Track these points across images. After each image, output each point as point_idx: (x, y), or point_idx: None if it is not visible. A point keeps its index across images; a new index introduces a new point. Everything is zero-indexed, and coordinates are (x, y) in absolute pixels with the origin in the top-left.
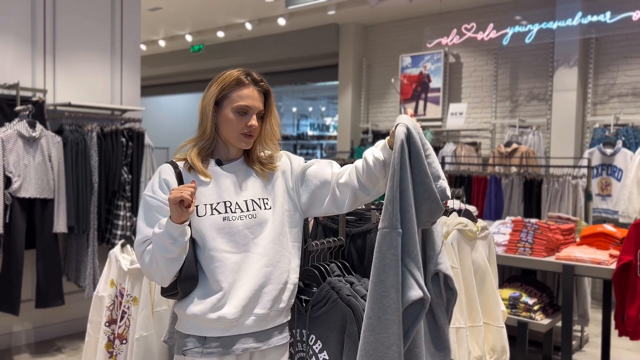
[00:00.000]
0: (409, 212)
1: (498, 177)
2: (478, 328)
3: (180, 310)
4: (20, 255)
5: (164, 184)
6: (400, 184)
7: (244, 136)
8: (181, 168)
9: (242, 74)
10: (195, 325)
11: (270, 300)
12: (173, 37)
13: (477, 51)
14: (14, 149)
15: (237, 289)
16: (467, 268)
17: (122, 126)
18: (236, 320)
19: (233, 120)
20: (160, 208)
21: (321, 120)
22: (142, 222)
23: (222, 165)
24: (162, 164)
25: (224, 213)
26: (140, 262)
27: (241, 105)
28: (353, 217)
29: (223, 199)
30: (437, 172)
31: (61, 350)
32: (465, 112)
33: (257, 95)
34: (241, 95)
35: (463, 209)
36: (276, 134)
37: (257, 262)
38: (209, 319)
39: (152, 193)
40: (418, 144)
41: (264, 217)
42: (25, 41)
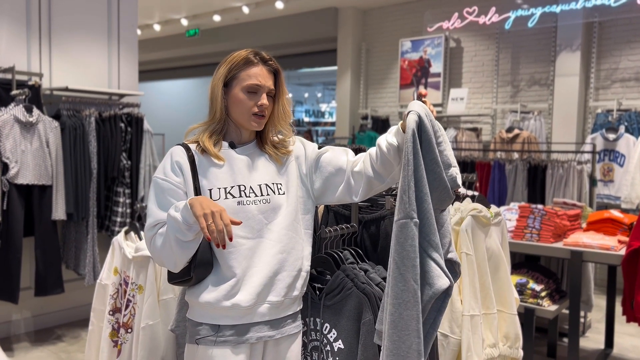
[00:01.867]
0: (426, 200)
1: (502, 163)
2: (492, 315)
3: (193, 297)
4: (18, 242)
5: (177, 166)
6: (415, 172)
7: (255, 116)
8: (194, 151)
9: (250, 53)
10: (209, 313)
11: (285, 288)
12: (168, 21)
13: (478, 35)
14: (11, 134)
15: (251, 275)
16: (481, 255)
17: (121, 111)
18: (250, 308)
19: (243, 100)
20: (173, 191)
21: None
22: (153, 205)
23: (235, 148)
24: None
25: (239, 197)
26: (151, 246)
27: (250, 84)
28: (366, 203)
29: (237, 183)
30: (448, 160)
31: (61, 338)
32: (466, 98)
33: (266, 73)
34: (250, 74)
35: (477, 195)
36: (289, 115)
37: (271, 248)
38: (223, 307)
39: (164, 175)
40: (429, 132)
41: (278, 202)
42: (19, 23)
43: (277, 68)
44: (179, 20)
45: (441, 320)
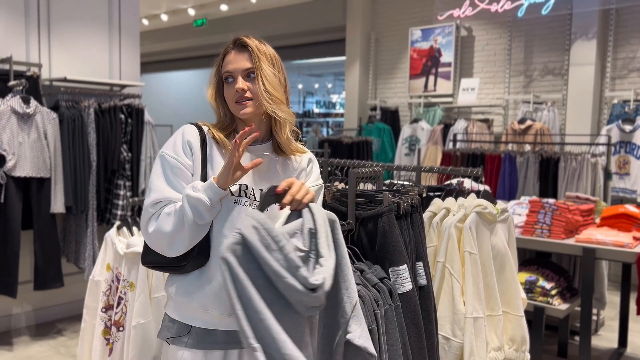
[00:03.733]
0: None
1: (512, 156)
2: (497, 317)
3: (172, 290)
4: (16, 236)
5: (188, 146)
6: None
7: (237, 105)
8: (207, 133)
9: (229, 43)
10: (183, 312)
11: None
12: (175, 11)
13: (490, 24)
14: (8, 126)
15: None
16: (486, 253)
17: (121, 102)
18: (227, 316)
19: (226, 92)
20: (181, 172)
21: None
22: (159, 181)
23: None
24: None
25: (237, 196)
26: (151, 226)
27: (225, 73)
28: (363, 199)
29: (240, 181)
30: (295, 263)
31: (62, 332)
32: (477, 88)
33: (239, 56)
34: (225, 64)
35: (482, 190)
36: (272, 94)
37: None
38: (197, 308)
39: (174, 154)
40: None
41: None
42: (18, 12)
43: (249, 45)
44: (186, 10)
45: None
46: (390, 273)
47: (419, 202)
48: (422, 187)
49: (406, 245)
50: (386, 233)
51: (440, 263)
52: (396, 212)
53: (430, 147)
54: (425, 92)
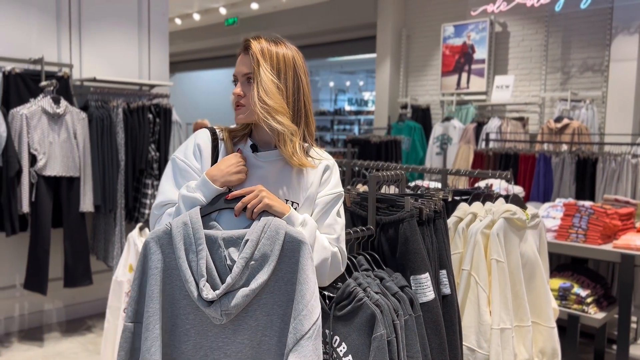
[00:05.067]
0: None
1: (547, 156)
2: (525, 328)
3: None
4: (46, 234)
5: (197, 149)
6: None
7: (235, 109)
8: (219, 138)
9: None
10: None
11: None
12: (207, 10)
13: (525, 19)
14: (39, 126)
15: None
16: (515, 261)
17: (150, 102)
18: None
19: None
20: (189, 174)
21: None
22: (167, 184)
23: (257, 152)
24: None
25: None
26: (156, 227)
27: (233, 76)
28: (384, 203)
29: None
30: (201, 272)
31: (91, 329)
32: (512, 85)
33: (242, 59)
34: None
35: (511, 195)
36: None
37: None
38: None
39: (184, 157)
40: (176, 246)
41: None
42: (49, 14)
43: (249, 46)
44: (217, 9)
45: None
46: (411, 281)
47: (443, 207)
48: (448, 191)
49: (429, 253)
50: (407, 239)
51: (465, 271)
52: (418, 218)
53: (462, 146)
54: (458, 89)
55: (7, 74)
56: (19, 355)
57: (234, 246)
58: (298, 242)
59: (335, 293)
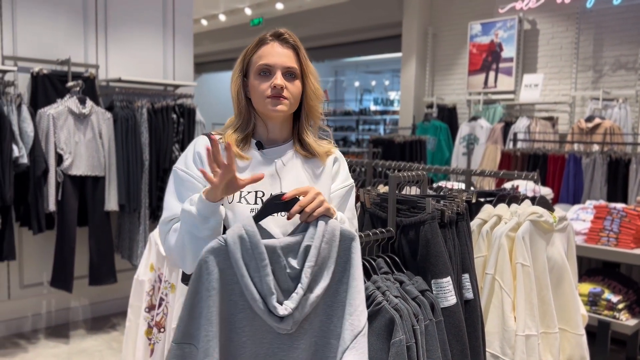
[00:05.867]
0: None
1: (578, 156)
2: (552, 335)
3: None
4: (72, 232)
5: (198, 157)
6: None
7: (271, 99)
8: (220, 143)
9: (264, 34)
10: None
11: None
12: (233, 10)
13: (555, 16)
14: (65, 126)
15: None
16: (541, 265)
17: (174, 102)
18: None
19: (256, 85)
20: (192, 184)
21: (385, 94)
22: (171, 198)
23: (263, 149)
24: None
25: (253, 204)
26: (165, 243)
27: (260, 65)
28: (405, 205)
29: (255, 188)
30: (270, 289)
31: (115, 327)
32: (541, 84)
33: (281, 50)
34: (260, 55)
35: (537, 196)
36: (320, 94)
37: None
38: None
39: (185, 167)
40: (237, 263)
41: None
42: (76, 15)
43: (294, 42)
44: (242, 9)
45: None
46: (432, 285)
47: (466, 209)
48: (471, 192)
49: (451, 256)
50: (429, 242)
51: (489, 275)
52: (440, 220)
53: (489, 147)
54: (485, 88)
55: (35, 75)
56: (46, 352)
57: (292, 253)
58: (350, 239)
59: None
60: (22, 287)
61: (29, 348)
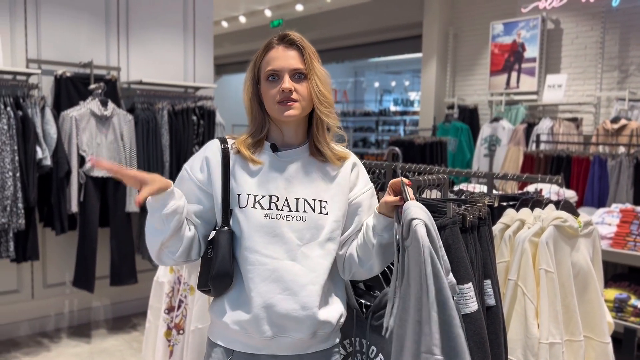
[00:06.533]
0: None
1: (603, 158)
2: (577, 343)
3: (211, 312)
4: (94, 233)
5: (205, 162)
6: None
7: (280, 105)
8: (230, 147)
9: (271, 38)
10: (224, 334)
11: (315, 325)
12: (253, 12)
13: (580, 15)
14: (87, 128)
15: (275, 303)
16: (566, 272)
17: (194, 104)
18: (270, 339)
19: (266, 90)
20: (190, 187)
21: (405, 95)
22: None
23: (277, 151)
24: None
25: (267, 209)
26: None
27: (268, 71)
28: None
29: (269, 193)
30: (447, 265)
31: (136, 327)
32: (564, 84)
33: (287, 53)
34: (268, 60)
35: (562, 200)
36: (325, 95)
37: (303, 276)
38: (237, 331)
39: (190, 169)
40: (435, 244)
41: (316, 223)
42: (99, 19)
43: (299, 43)
44: (262, 11)
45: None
46: None
47: (488, 214)
48: (494, 196)
49: (472, 262)
50: (449, 247)
51: (512, 281)
52: (461, 225)
53: (511, 148)
54: (507, 89)
55: (59, 78)
56: (68, 351)
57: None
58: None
59: (373, 302)
60: (45, 287)
61: (51, 347)
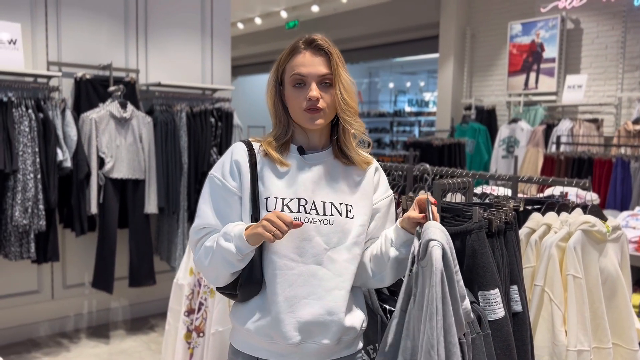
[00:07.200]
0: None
1: (626, 160)
2: (605, 350)
3: (234, 319)
4: (113, 234)
5: (235, 167)
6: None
7: (307, 112)
8: (256, 150)
9: (295, 42)
10: (248, 342)
11: (341, 330)
12: (269, 14)
13: (601, 14)
14: (107, 130)
15: (300, 308)
16: (594, 277)
17: (212, 106)
18: (295, 346)
19: (291, 96)
20: (228, 194)
21: (420, 95)
22: (206, 206)
23: (304, 154)
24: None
25: (296, 212)
26: (195, 254)
27: (294, 76)
28: (449, 213)
29: (298, 196)
30: (462, 292)
31: (154, 328)
32: (584, 85)
33: (314, 59)
34: (293, 65)
35: (589, 205)
36: (350, 104)
37: (328, 280)
38: (262, 338)
39: (222, 177)
40: (451, 267)
41: (343, 227)
42: (118, 21)
43: (327, 49)
44: (278, 12)
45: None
46: (479, 297)
47: (515, 218)
48: (519, 199)
49: (499, 267)
50: (475, 253)
51: (538, 287)
52: (487, 229)
53: (530, 150)
54: (526, 89)
55: (79, 80)
56: (87, 352)
57: None
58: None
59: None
60: (65, 288)
61: (71, 347)
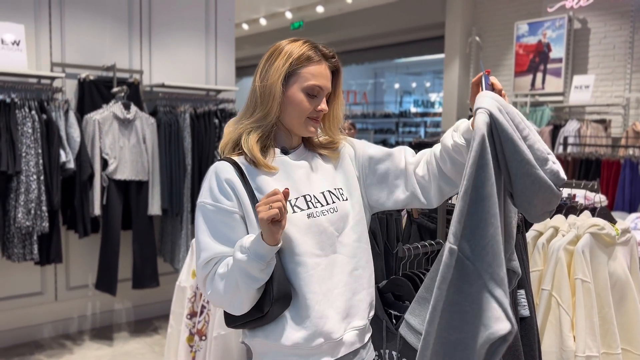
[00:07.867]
0: (493, 224)
1: (634, 162)
2: (615, 356)
3: (268, 341)
4: (116, 236)
5: (227, 185)
6: (478, 192)
7: (311, 120)
8: (242, 164)
9: (309, 48)
10: (298, 357)
11: (367, 309)
12: (274, 14)
13: (608, 14)
14: (110, 131)
15: (334, 299)
16: (602, 281)
17: (216, 107)
18: (341, 338)
19: (301, 101)
20: (226, 216)
21: (425, 96)
22: (205, 237)
23: (288, 154)
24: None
25: (307, 209)
26: (209, 288)
27: (312, 85)
28: None
29: (302, 193)
30: (543, 155)
31: (157, 330)
32: (592, 85)
33: (328, 73)
34: (313, 73)
35: (598, 207)
36: (340, 120)
37: (347, 264)
38: (314, 345)
39: (213, 200)
40: (508, 131)
41: (344, 210)
42: (122, 22)
43: (338, 67)
44: (283, 13)
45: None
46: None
47: (522, 221)
48: None
49: None
50: None
51: (546, 291)
52: None
53: None
54: (532, 90)
55: (82, 81)
56: (90, 354)
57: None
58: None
59: (403, 312)
60: (68, 289)
61: (74, 349)
